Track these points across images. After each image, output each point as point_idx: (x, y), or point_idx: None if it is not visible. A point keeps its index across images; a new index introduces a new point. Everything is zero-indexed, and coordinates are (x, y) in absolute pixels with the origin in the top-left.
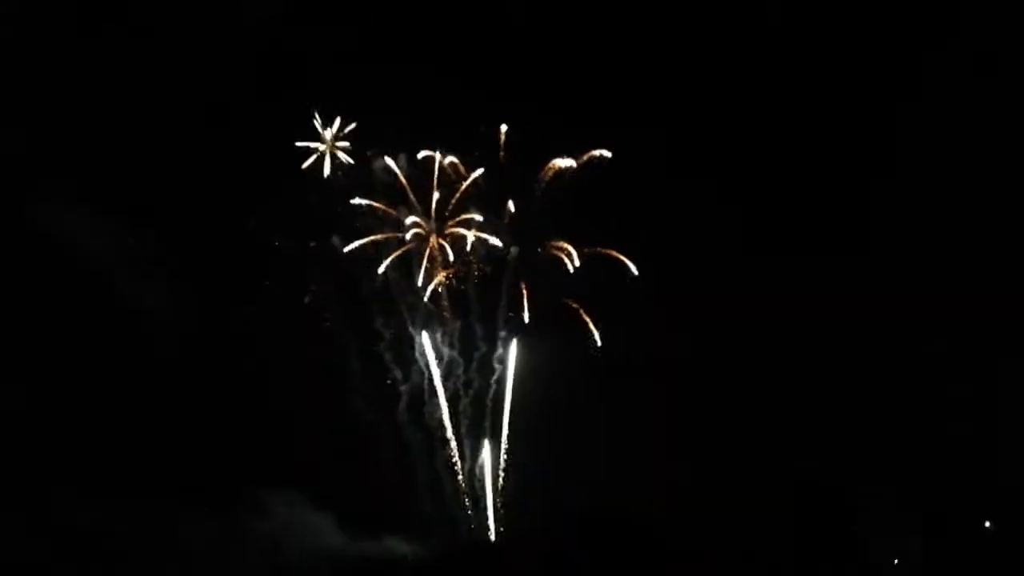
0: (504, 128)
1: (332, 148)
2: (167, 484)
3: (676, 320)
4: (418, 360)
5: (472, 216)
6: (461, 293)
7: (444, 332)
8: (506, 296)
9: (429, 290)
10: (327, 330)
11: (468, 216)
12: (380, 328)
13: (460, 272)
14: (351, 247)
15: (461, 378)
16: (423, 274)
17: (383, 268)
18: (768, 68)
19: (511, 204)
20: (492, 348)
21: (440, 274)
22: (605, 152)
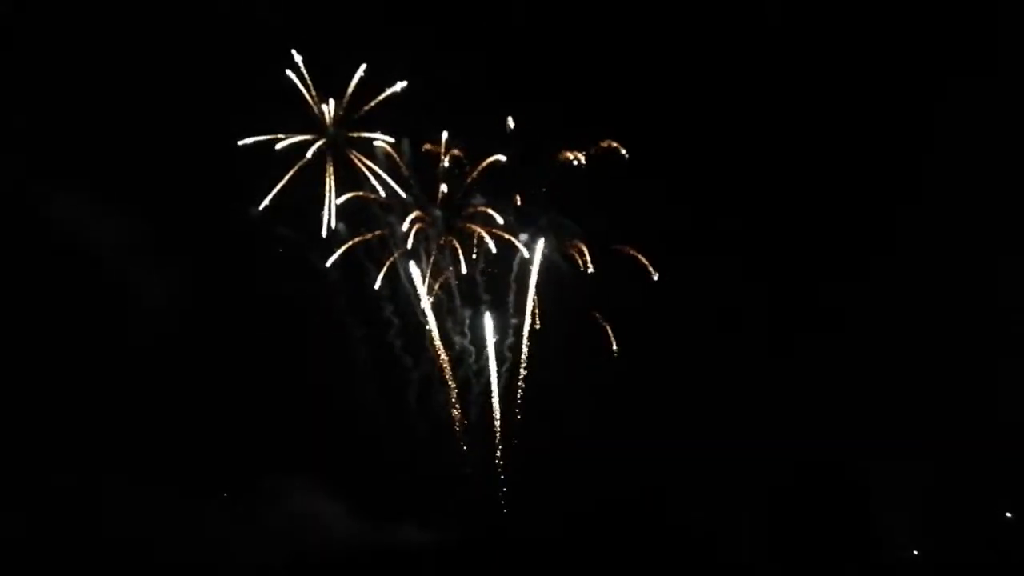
0: (510, 121)
1: (335, 135)
2: (182, 472)
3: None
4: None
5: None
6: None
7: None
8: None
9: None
10: (338, 317)
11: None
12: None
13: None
14: (353, 241)
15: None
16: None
17: (379, 281)
18: (768, 69)
19: (518, 197)
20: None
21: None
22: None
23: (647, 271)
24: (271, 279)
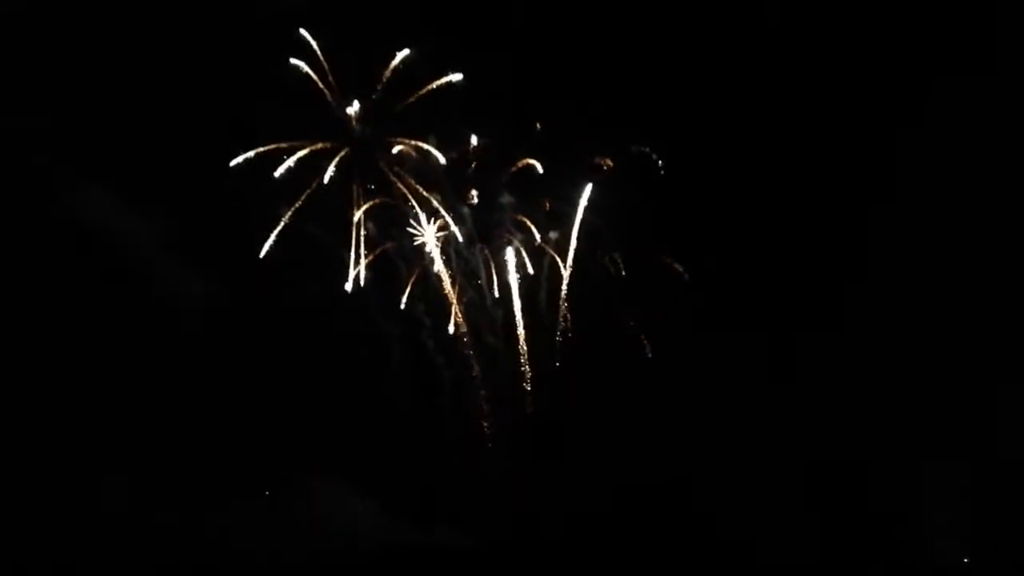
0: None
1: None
2: (211, 469)
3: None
4: None
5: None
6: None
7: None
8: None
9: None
10: (371, 318)
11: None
12: (420, 316)
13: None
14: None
15: None
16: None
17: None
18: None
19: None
20: None
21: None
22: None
23: (678, 273)
24: (302, 278)
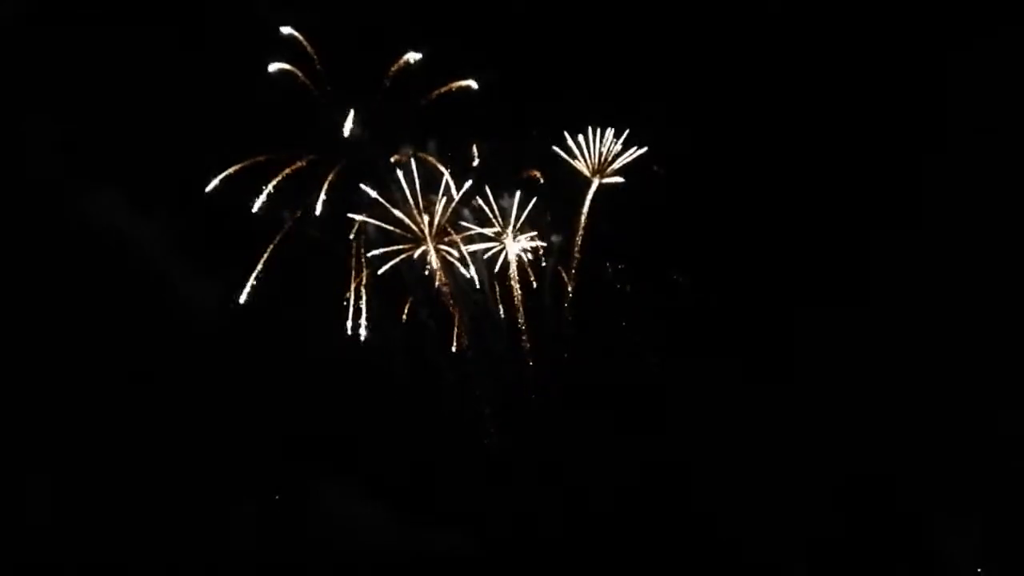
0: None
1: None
2: (220, 471)
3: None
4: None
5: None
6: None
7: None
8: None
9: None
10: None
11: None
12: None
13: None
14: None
15: None
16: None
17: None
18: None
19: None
20: None
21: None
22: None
23: (681, 281)
24: (312, 285)
